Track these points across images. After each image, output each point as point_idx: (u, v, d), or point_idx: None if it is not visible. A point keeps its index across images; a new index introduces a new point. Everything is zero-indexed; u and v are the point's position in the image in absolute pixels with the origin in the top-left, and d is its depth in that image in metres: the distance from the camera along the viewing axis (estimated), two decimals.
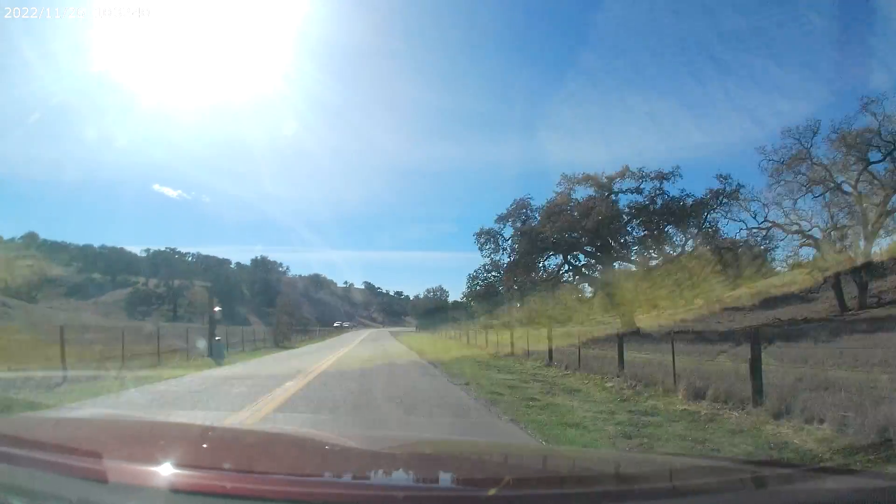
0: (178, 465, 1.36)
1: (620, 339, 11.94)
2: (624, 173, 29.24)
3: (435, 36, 61.09)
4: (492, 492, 1.28)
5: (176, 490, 1.07)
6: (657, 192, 28.53)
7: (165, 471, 1.17)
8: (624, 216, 29.56)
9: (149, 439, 1.94)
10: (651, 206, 28.50)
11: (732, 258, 26.23)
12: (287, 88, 49.53)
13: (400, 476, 1.71)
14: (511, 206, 31.23)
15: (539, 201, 30.96)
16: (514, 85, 79.66)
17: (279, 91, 54.56)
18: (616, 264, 30.32)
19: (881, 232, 24.20)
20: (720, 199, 27.19)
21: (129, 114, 58.01)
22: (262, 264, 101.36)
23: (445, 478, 1.67)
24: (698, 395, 7.84)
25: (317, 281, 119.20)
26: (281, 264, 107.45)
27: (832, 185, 25.06)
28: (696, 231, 27.76)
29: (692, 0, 44.52)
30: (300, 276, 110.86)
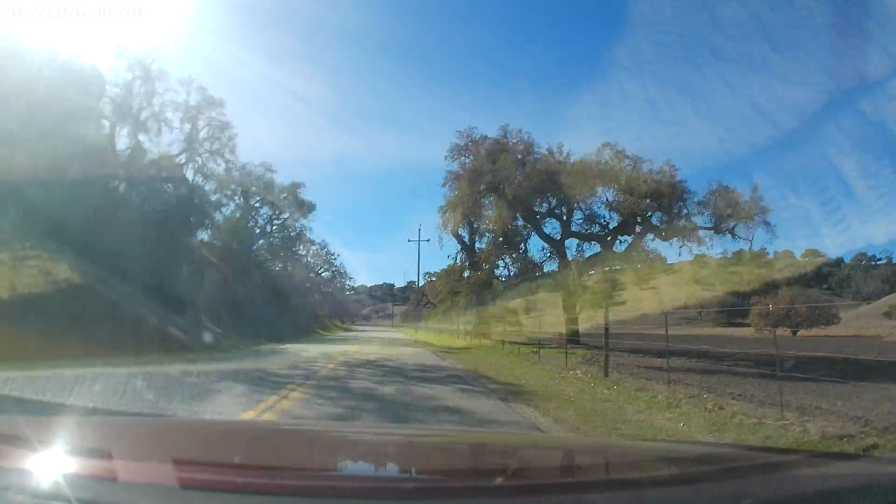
0: (189, 460, 1.35)
1: None
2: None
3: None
4: (498, 481, 1.29)
5: (186, 486, 1.06)
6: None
7: (176, 467, 1.16)
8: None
9: (157, 435, 1.94)
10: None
11: None
12: None
13: (408, 467, 1.72)
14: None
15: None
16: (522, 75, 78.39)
17: None
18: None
19: None
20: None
21: None
22: None
23: (453, 468, 1.68)
24: None
25: None
26: None
27: None
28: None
29: None
30: None
